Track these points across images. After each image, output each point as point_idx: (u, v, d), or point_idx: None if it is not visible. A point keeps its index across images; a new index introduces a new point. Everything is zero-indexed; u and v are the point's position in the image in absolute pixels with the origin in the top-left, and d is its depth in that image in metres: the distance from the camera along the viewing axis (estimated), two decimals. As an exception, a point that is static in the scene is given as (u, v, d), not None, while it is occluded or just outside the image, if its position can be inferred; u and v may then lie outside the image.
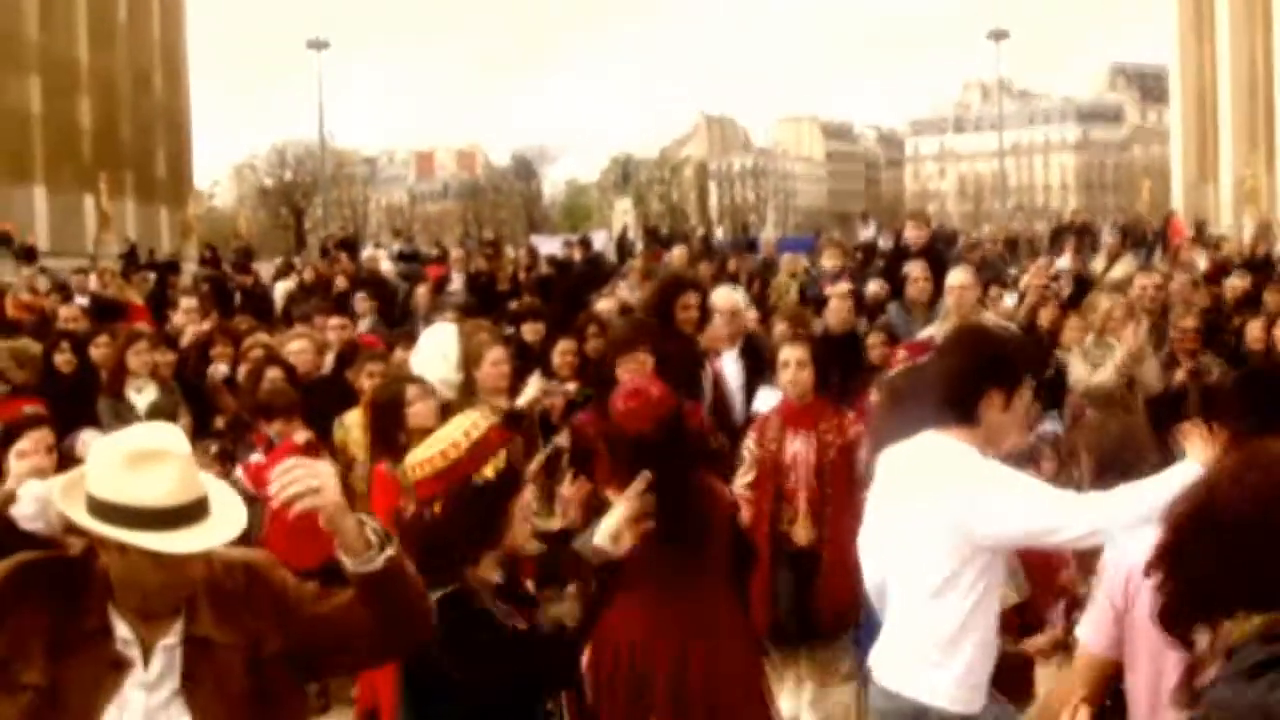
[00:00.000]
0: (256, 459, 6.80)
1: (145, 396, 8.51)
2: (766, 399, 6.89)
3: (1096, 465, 4.21)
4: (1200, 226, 27.92)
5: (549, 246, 26.73)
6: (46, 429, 5.29)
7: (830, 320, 9.27)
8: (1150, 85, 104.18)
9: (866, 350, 8.37)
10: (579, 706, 3.57)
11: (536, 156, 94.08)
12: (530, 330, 9.20)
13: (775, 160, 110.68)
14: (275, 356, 8.26)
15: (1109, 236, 19.33)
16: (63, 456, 5.22)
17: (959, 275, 8.66)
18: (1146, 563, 2.35)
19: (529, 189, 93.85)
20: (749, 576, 5.21)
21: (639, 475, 3.78)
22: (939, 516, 3.49)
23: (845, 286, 9.99)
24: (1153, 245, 27.34)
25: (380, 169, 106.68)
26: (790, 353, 6.31)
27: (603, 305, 10.32)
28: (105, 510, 2.54)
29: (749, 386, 7.46)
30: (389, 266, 19.57)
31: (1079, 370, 7.89)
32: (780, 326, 8.49)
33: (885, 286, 10.43)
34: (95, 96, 34.49)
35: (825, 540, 6.00)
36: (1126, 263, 14.51)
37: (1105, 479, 3.69)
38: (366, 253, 23.08)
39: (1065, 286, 11.76)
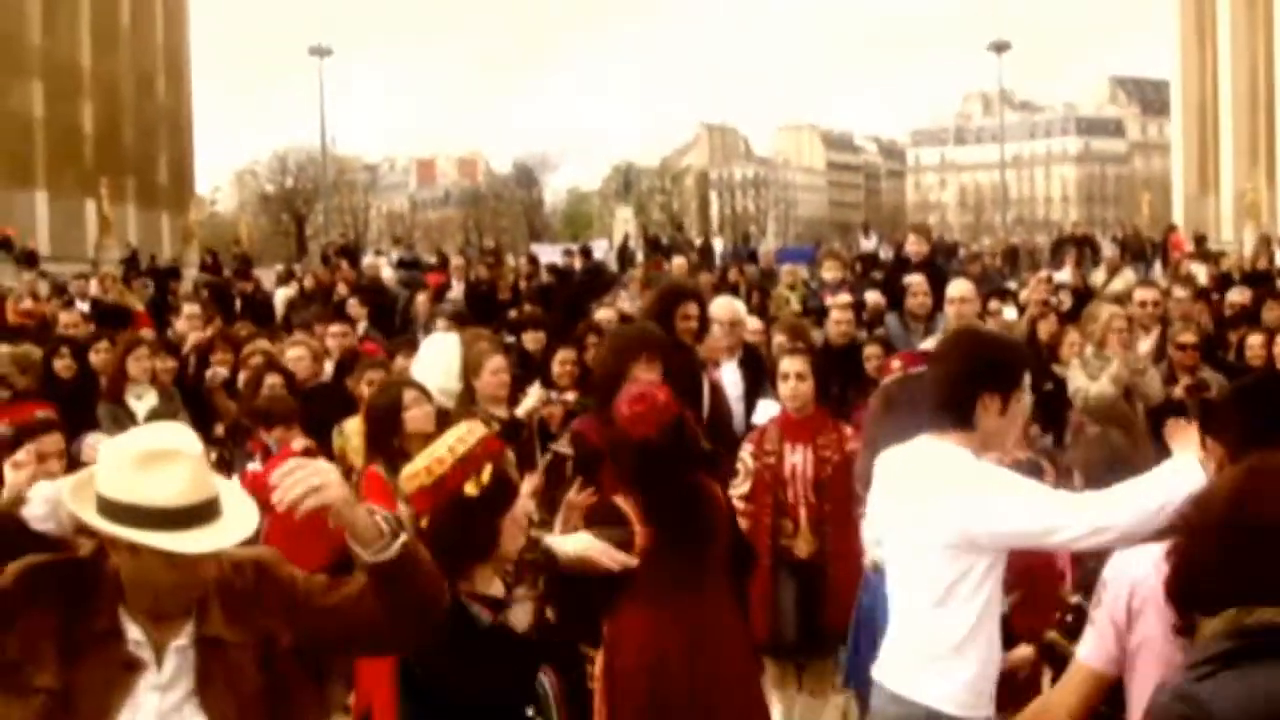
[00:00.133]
0: (253, 467, 6.79)
1: (145, 403, 8.49)
2: (765, 410, 6.88)
3: (1085, 482, 4.21)
4: (1200, 240, 27.95)
5: (549, 255, 26.80)
6: (58, 434, 5.28)
7: (831, 332, 9.25)
8: (1151, 98, 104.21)
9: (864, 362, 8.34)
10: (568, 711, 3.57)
11: (538, 164, 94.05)
12: (531, 339, 9.20)
13: (776, 170, 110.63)
14: (275, 363, 8.24)
15: (1109, 250, 19.34)
16: (70, 460, 5.21)
17: (959, 287, 8.66)
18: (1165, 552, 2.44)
19: (530, 197, 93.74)
20: (749, 580, 5.21)
21: (639, 482, 3.79)
22: (939, 520, 3.48)
23: (846, 298, 9.97)
24: (1153, 259, 27.42)
25: (381, 176, 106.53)
26: (790, 365, 6.31)
27: (602, 314, 10.33)
28: (116, 510, 2.52)
29: (748, 397, 7.44)
30: (390, 274, 19.59)
31: (1078, 381, 7.90)
32: (779, 338, 8.48)
33: (883, 298, 10.42)
34: (97, 101, 34.54)
35: (827, 553, 5.98)
36: (1126, 276, 14.54)
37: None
38: (367, 260, 23.10)
39: (1065, 300, 11.77)
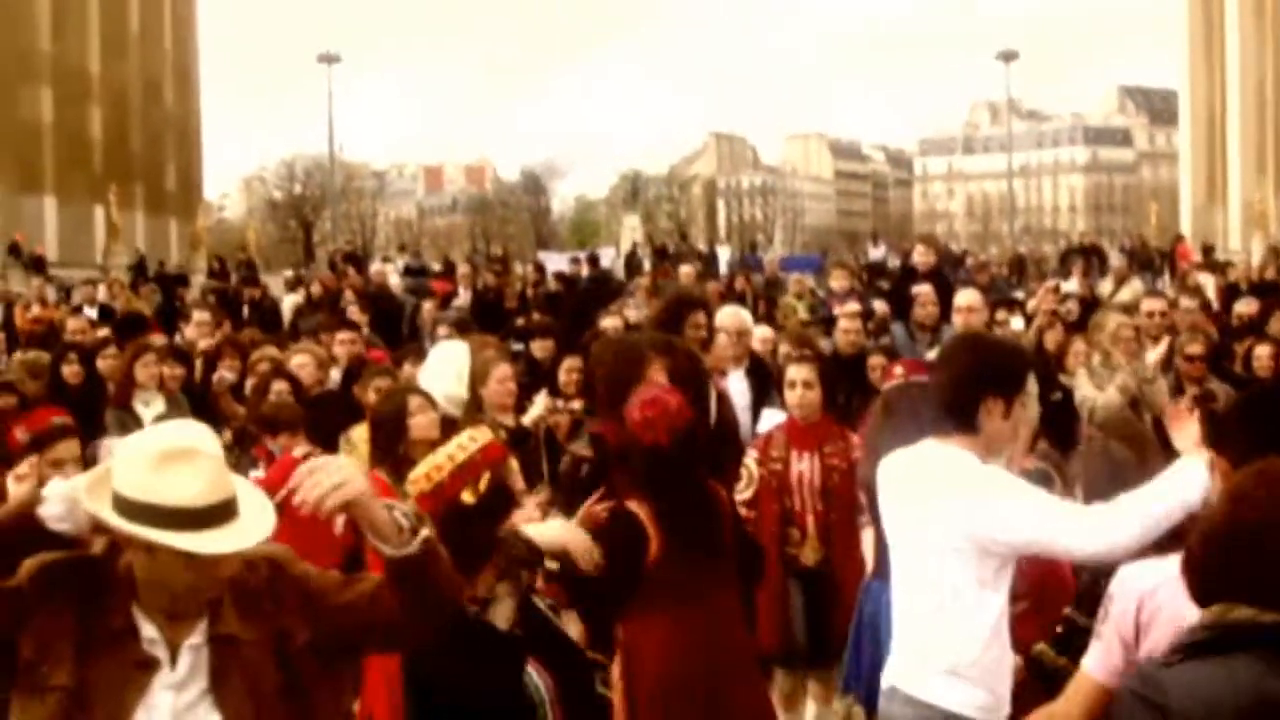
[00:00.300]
0: (256, 475, 6.79)
1: (153, 409, 8.47)
2: (771, 419, 6.87)
3: (1086, 493, 4.20)
4: (1208, 250, 27.93)
5: (556, 263, 26.81)
6: (74, 440, 5.28)
7: (839, 341, 9.22)
8: (1159, 107, 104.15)
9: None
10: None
11: (546, 172, 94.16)
12: (540, 347, 9.20)
13: (784, 179, 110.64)
14: (282, 370, 8.23)
15: (1116, 260, 19.31)
16: (86, 466, 5.21)
17: (967, 297, 8.65)
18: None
19: (538, 204, 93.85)
20: (758, 585, 5.20)
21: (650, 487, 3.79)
22: (947, 522, 3.47)
23: (854, 307, 9.94)
24: (1160, 269, 27.38)
25: (389, 183, 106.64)
26: (797, 372, 6.28)
27: (608, 323, 10.31)
28: (134, 510, 2.49)
29: (755, 407, 7.43)
30: (396, 281, 19.61)
31: (1085, 390, 7.89)
32: (784, 347, 8.47)
33: (887, 307, 10.41)
34: (106, 107, 34.67)
35: (835, 561, 5.97)
36: (1134, 286, 14.52)
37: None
38: (374, 267, 23.12)
39: (1073, 309, 11.74)
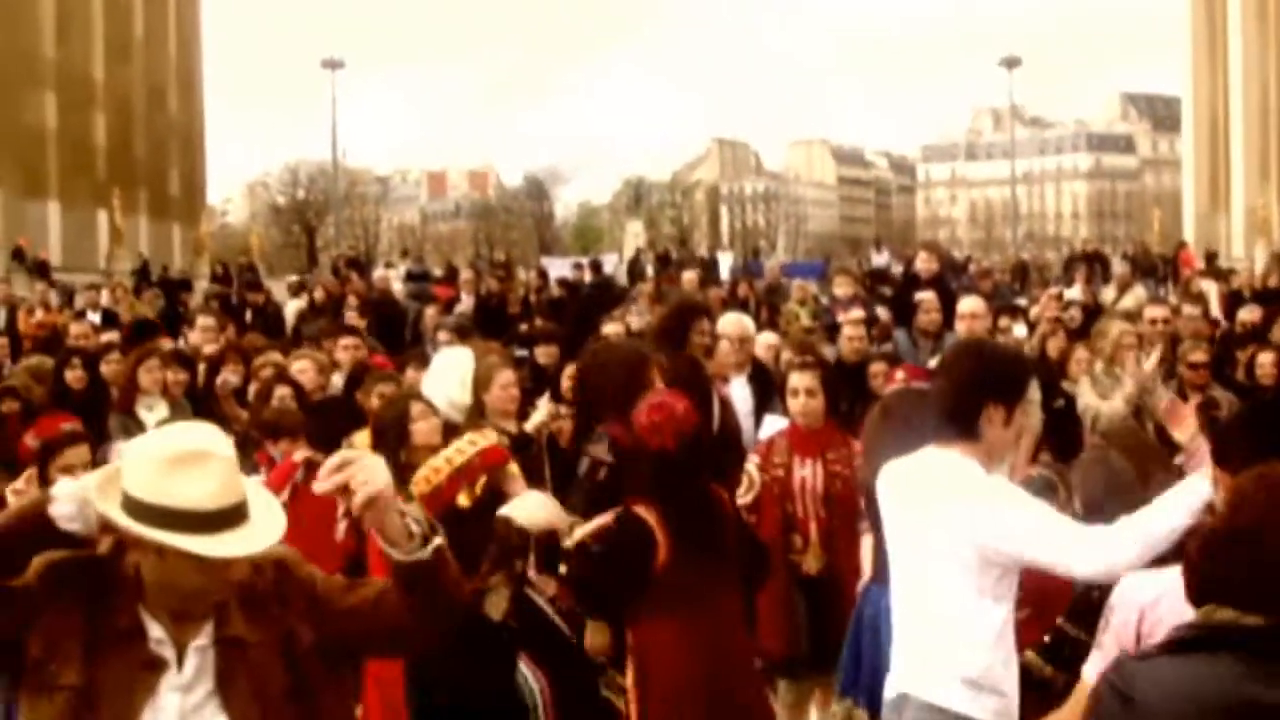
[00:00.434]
0: (258, 479, 6.78)
1: (156, 414, 8.44)
2: (772, 425, 6.86)
3: (1083, 503, 4.19)
4: (1211, 257, 27.91)
5: (559, 269, 26.82)
6: (84, 446, 5.28)
7: (843, 348, 9.19)
8: (1162, 114, 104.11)
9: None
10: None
11: (549, 178, 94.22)
12: (544, 353, 9.21)
13: (787, 185, 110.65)
14: (285, 375, 8.22)
15: (1119, 266, 19.30)
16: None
17: (970, 304, 8.64)
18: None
19: (541, 210, 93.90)
20: (762, 583, 5.22)
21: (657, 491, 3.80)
22: (951, 529, 3.46)
23: (859, 314, 9.92)
24: (1163, 276, 27.35)
25: (392, 188, 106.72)
26: (799, 380, 6.26)
27: (609, 329, 10.31)
28: (146, 511, 2.49)
29: (757, 413, 7.43)
30: (399, 287, 19.62)
31: (1087, 398, 7.88)
32: (786, 354, 8.46)
33: (889, 314, 10.40)
34: (110, 113, 34.70)
35: (837, 568, 5.95)
36: (1137, 293, 14.51)
37: (1090, 522, 3.65)
38: (378, 273, 23.13)
39: (1076, 316, 11.73)
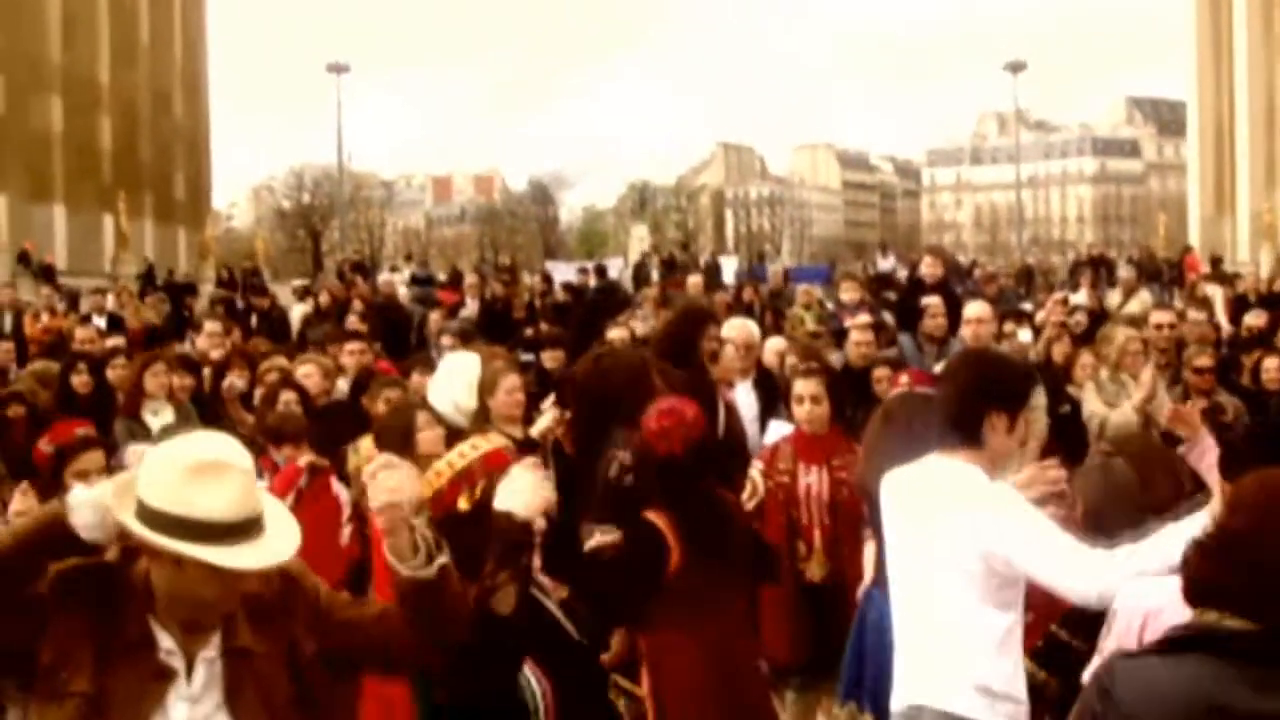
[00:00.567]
0: (261, 485, 6.75)
1: (161, 419, 8.46)
2: (777, 431, 6.83)
3: (1084, 512, 4.17)
4: (1216, 261, 27.86)
5: (564, 273, 26.82)
6: (98, 451, 5.27)
7: (850, 354, 9.13)
8: (1167, 118, 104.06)
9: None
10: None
11: (554, 182, 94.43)
12: (550, 358, 9.21)
13: (792, 189, 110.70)
14: (290, 380, 8.22)
15: (1124, 271, 19.29)
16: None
17: (976, 308, 8.62)
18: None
19: (546, 214, 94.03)
20: (771, 584, 5.22)
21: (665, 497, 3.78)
22: (956, 536, 3.46)
23: (866, 319, 9.89)
24: (1169, 280, 27.30)
25: (398, 192, 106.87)
26: (805, 387, 6.20)
27: (614, 334, 10.30)
28: (163, 521, 2.49)
29: (762, 419, 7.42)
30: (404, 291, 19.63)
31: (1093, 405, 7.87)
32: (791, 359, 8.43)
33: (894, 319, 10.38)
34: (116, 117, 34.75)
35: (843, 575, 5.91)
36: (1142, 298, 14.52)
37: (1090, 530, 3.64)
38: (383, 278, 23.11)
39: (1082, 321, 11.73)
